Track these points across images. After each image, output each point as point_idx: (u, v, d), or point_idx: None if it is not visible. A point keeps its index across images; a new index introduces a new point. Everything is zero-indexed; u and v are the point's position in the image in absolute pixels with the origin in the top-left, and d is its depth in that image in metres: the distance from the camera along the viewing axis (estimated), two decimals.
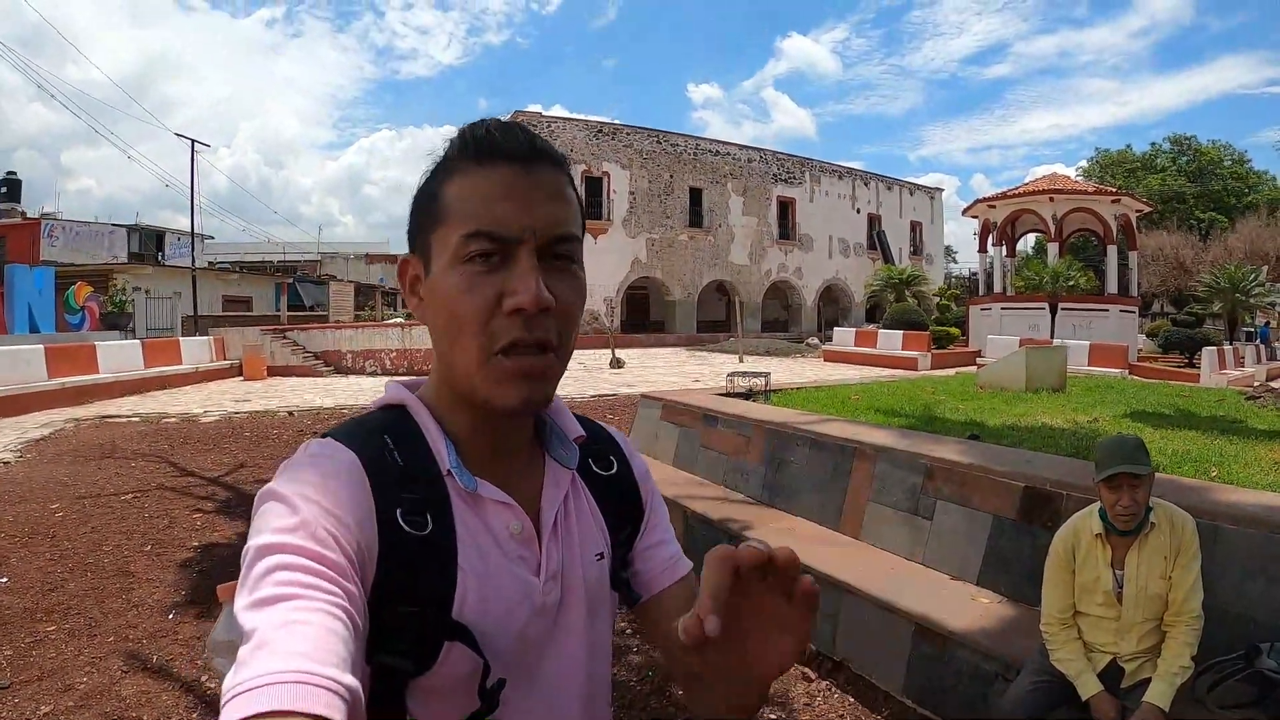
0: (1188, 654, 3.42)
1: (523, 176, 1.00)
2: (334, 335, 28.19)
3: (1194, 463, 6.26)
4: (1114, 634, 3.61)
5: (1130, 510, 3.47)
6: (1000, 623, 4.65)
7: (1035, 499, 5.03)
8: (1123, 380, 18.33)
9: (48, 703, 4.52)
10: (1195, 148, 71.90)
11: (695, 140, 47.30)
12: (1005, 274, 38.83)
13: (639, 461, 1.32)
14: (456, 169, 1.02)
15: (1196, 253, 51.12)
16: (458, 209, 1.00)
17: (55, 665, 4.98)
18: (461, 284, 0.98)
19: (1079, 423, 8.85)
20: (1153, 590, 3.51)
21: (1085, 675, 3.56)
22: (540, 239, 0.98)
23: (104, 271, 35.33)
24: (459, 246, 0.98)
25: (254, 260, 56.53)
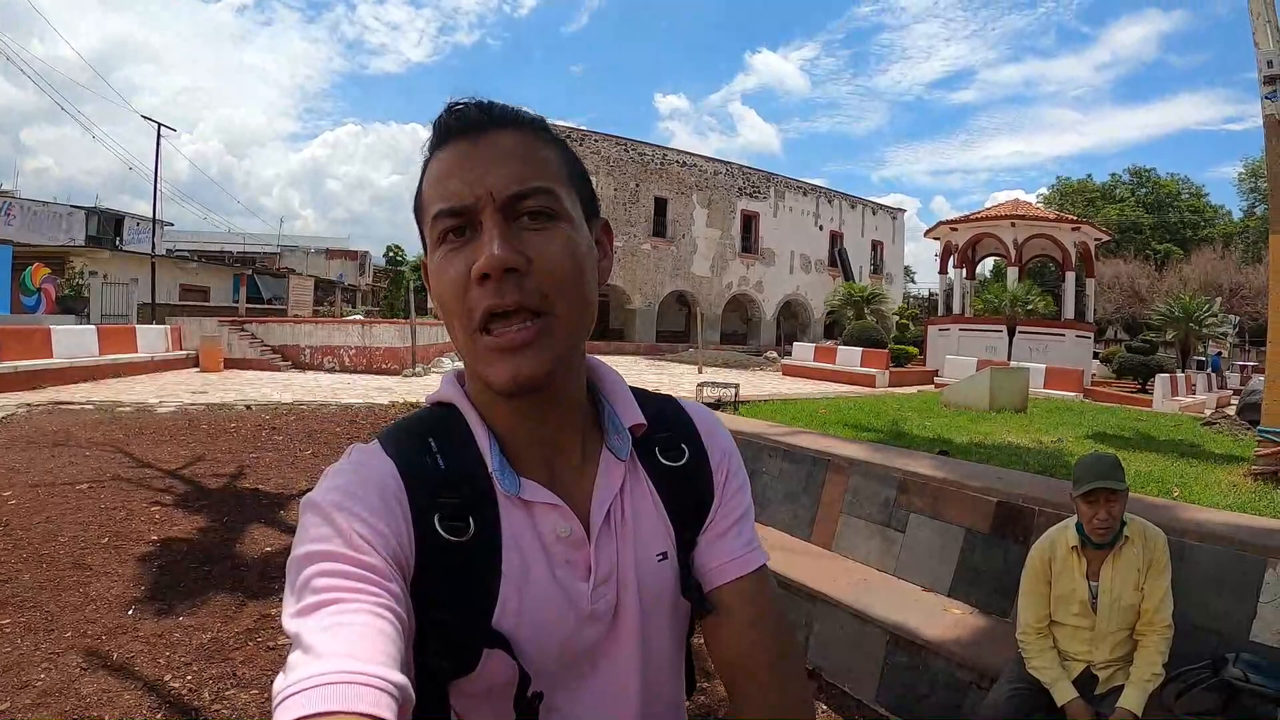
0: (1159, 662, 3.58)
1: (474, 146, 0.99)
2: (293, 330, 27.73)
3: (1156, 483, 6.46)
4: (1088, 643, 3.76)
5: (1106, 524, 3.64)
6: (974, 633, 4.76)
7: (1008, 514, 5.16)
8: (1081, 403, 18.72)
9: (4, 700, 4.35)
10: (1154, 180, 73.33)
11: (663, 150, 47.29)
12: (965, 296, 39.25)
13: (720, 443, 1.22)
14: (429, 160, 1.03)
15: (1152, 282, 52.04)
16: (429, 196, 1.00)
17: (11, 661, 4.78)
18: (439, 265, 0.99)
19: (1044, 442, 9.05)
20: (1126, 601, 3.67)
21: (1060, 682, 3.69)
22: (499, 199, 0.96)
23: (61, 253, 34.56)
24: (431, 229, 0.99)
25: (213, 250, 55.52)
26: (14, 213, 40.38)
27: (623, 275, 44.31)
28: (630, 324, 45.41)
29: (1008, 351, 32.50)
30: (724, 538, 1.16)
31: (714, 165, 49.19)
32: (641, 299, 45.07)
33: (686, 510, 1.14)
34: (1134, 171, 75.26)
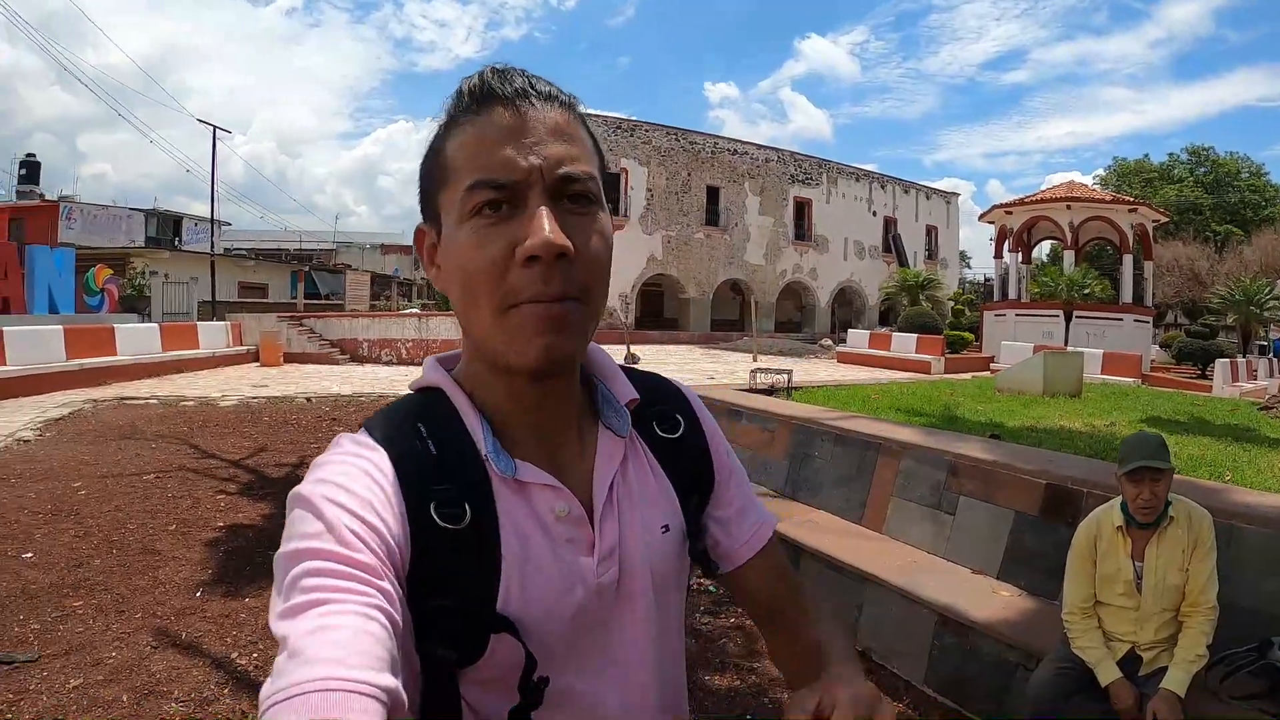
0: (1203, 643, 3.59)
1: (522, 117, 0.94)
2: (350, 324, 28.26)
3: (1209, 466, 6.38)
4: (1133, 623, 3.78)
5: (1150, 504, 3.66)
6: (1022, 615, 4.78)
7: (1057, 496, 5.17)
8: (1137, 388, 18.37)
9: (77, 676, 4.56)
10: (1213, 159, 71.26)
11: (714, 139, 47.12)
12: (1020, 280, 38.74)
13: (709, 420, 1.24)
14: (457, 123, 0.97)
15: (1212, 265, 50.73)
16: (460, 163, 0.95)
17: (84, 640, 5.03)
18: (471, 240, 0.93)
19: (1096, 426, 8.94)
20: (1170, 581, 3.68)
21: (1105, 663, 3.72)
22: (549, 179, 0.92)
23: (122, 255, 35.40)
24: (464, 200, 0.93)
25: (270, 248, 56.46)
26: (75, 217, 41.30)
27: (676, 265, 44.24)
28: (684, 313, 45.33)
29: (1065, 337, 31.91)
30: (736, 520, 1.21)
31: (765, 153, 48.89)
32: (695, 288, 44.96)
33: (686, 479, 1.15)
34: (1192, 150, 73.15)
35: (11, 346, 16.45)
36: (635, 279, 42.72)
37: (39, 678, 4.54)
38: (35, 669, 4.64)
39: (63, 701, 4.31)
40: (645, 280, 43.82)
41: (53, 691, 4.40)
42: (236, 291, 39.71)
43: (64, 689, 4.43)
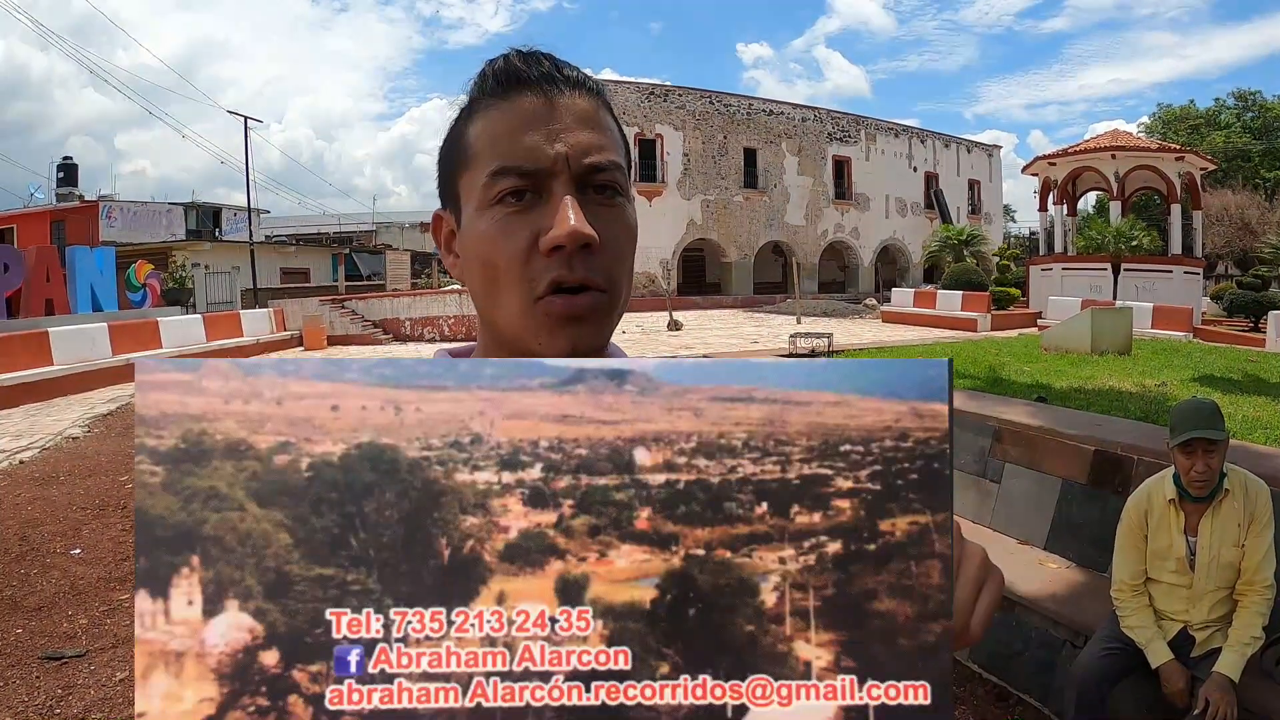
0: (1259, 624, 3.47)
1: (549, 103, 0.91)
2: (392, 304, 28.66)
3: (1265, 429, 6.25)
4: (1185, 602, 3.66)
5: (1205, 477, 3.52)
6: (1069, 589, 4.72)
7: (1105, 463, 5.08)
8: (1188, 344, 18.07)
9: (123, 669, 4.70)
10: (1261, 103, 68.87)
11: (748, 100, 46.76)
12: (1066, 234, 38.07)
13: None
14: (479, 106, 0.94)
15: (1263, 213, 49.29)
16: (482, 148, 0.92)
17: (129, 633, 5.05)
18: (493, 228, 0.90)
19: (1147, 387, 8.80)
20: (1225, 558, 3.56)
21: (1155, 643, 3.61)
22: (575, 167, 0.89)
23: (163, 250, 36.18)
24: (487, 187, 0.90)
25: (310, 233, 57.04)
26: (115, 215, 42.06)
27: (717, 229, 44.13)
28: (727, 277, 45.24)
29: (1113, 291, 31.39)
30: None
31: (801, 112, 48.49)
32: (737, 252, 44.84)
33: None
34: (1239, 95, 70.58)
35: (58, 347, 16.76)
36: (675, 245, 42.67)
37: (87, 672, 4.68)
38: (82, 664, 4.79)
39: (109, 695, 4.44)
40: (686, 246, 43.75)
41: (99, 685, 4.54)
42: (279, 278, 40.33)
43: (110, 682, 4.57)
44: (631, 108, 41.52)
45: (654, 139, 42.20)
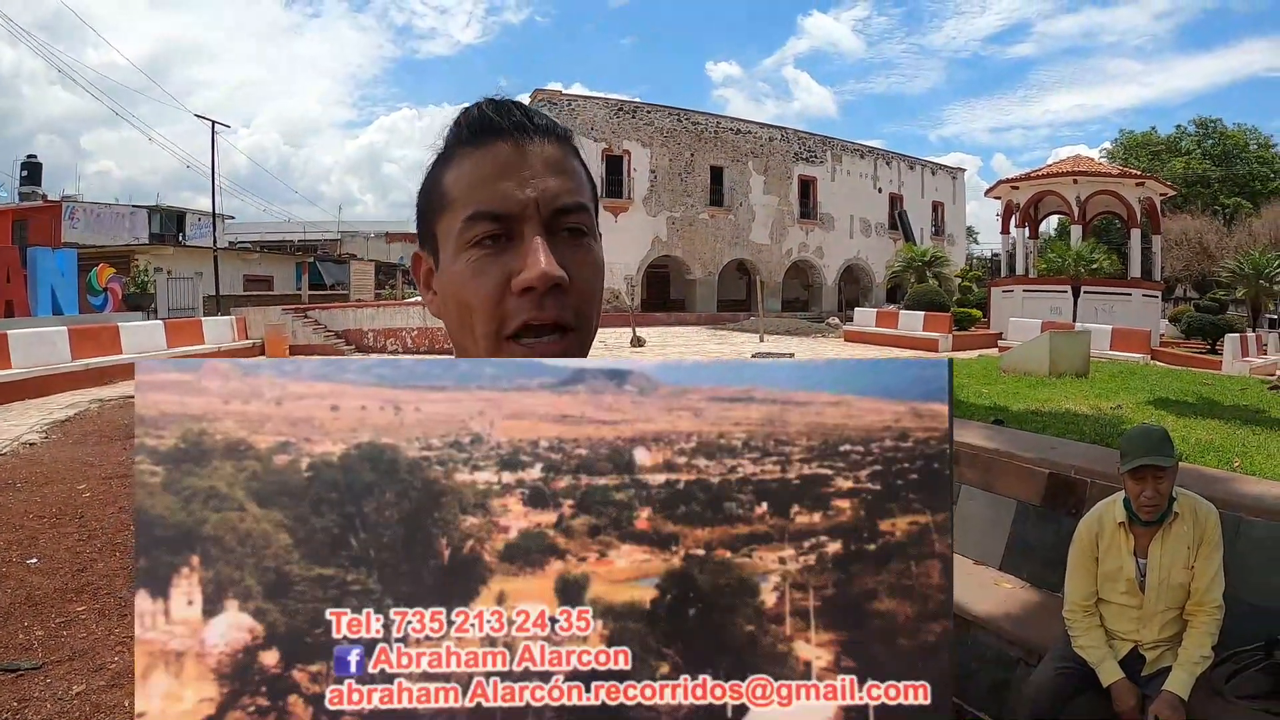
0: (1208, 643, 3.52)
1: (520, 151, 0.95)
2: (355, 314, 28.47)
3: (1217, 452, 6.34)
4: (1136, 622, 3.72)
5: (1154, 501, 3.58)
6: (1023, 608, 4.75)
7: (1059, 486, 5.13)
8: (1145, 366, 18.33)
9: (80, 682, 4.59)
10: (1220, 131, 70.24)
11: (716, 118, 46.92)
12: (1028, 256, 38.50)
13: None
14: (454, 154, 0.99)
15: (1221, 238, 50.05)
16: (457, 193, 0.96)
17: (86, 645, 5.05)
18: (468, 270, 0.94)
19: (1103, 409, 8.92)
20: (1175, 580, 3.61)
21: (1107, 663, 3.65)
22: (545, 211, 0.93)
23: (125, 253, 35.42)
24: (462, 231, 0.94)
25: (274, 240, 56.46)
26: (78, 216, 41.33)
27: (681, 246, 44.16)
28: (691, 294, 45.27)
29: (1073, 313, 31.66)
30: None
31: (769, 131, 48.67)
32: (701, 269, 44.88)
33: None
34: (1199, 122, 71.84)
35: (16, 349, 16.47)
36: (640, 261, 42.67)
37: (42, 685, 4.56)
38: (39, 676, 4.66)
39: (66, 708, 4.34)
40: (650, 262, 43.75)
41: (56, 699, 4.43)
42: (241, 285, 39.75)
43: (67, 695, 4.45)
44: (600, 123, 41.57)
45: (621, 155, 42.20)
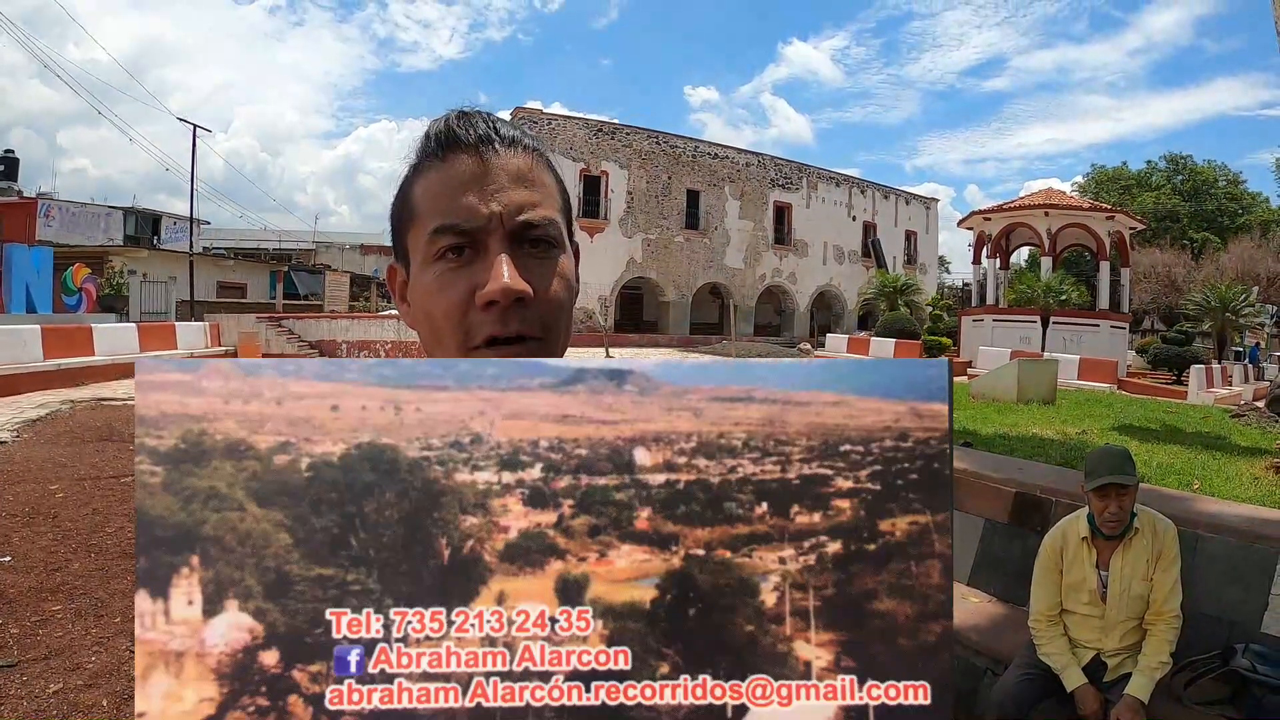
0: (1167, 651, 3.64)
1: (483, 164, 0.95)
2: (329, 325, 28.24)
3: (1178, 475, 6.45)
4: (1098, 631, 3.83)
5: (1118, 517, 3.71)
6: (991, 620, 4.82)
7: (1026, 504, 5.22)
8: (1111, 395, 18.52)
9: (57, 681, 4.51)
10: (1190, 167, 71.33)
11: (694, 142, 47.10)
12: (998, 286, 38.80)
13: None
14: (422, 167, 0.98)
15: (1188, 271, 50.60)
16: (424, 206, 0.96)
17: (63, 644, 4.96)
18: (434, 282, 0.94)
19: (1068, 435, 9.02)
20: (1135, 591, 3.73)
21: (1070, 669, 3.76)
22: (509, 224, 0.93)
23: (99, 253, 34.74)
24: (429, 244, 0.94)
25: (249, 247, 55.72)
26: (53, 214, 40.64)
27: (656, 268, 44.21)
28: (664, 317, 45.29)
29: (1042, 342, 31.99)
30: None
31: (745, 157, 48.93)
32: (675, 291, 44.93)
33: None
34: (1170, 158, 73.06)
35: None
36: (615, 282, 42.69)
37: (18, 683, 4.48)
38: (14, 674, 4.58)
39: (43, 706, 4.26)
40: (625, 283, 43.75)
41: (32, 697, 4.35)
42: (215, 291, 39.13)
43: (44, 694, 4.38)
44: (579, 143, 41.61)
45: (599, 175, 42.24)
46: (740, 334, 38.83)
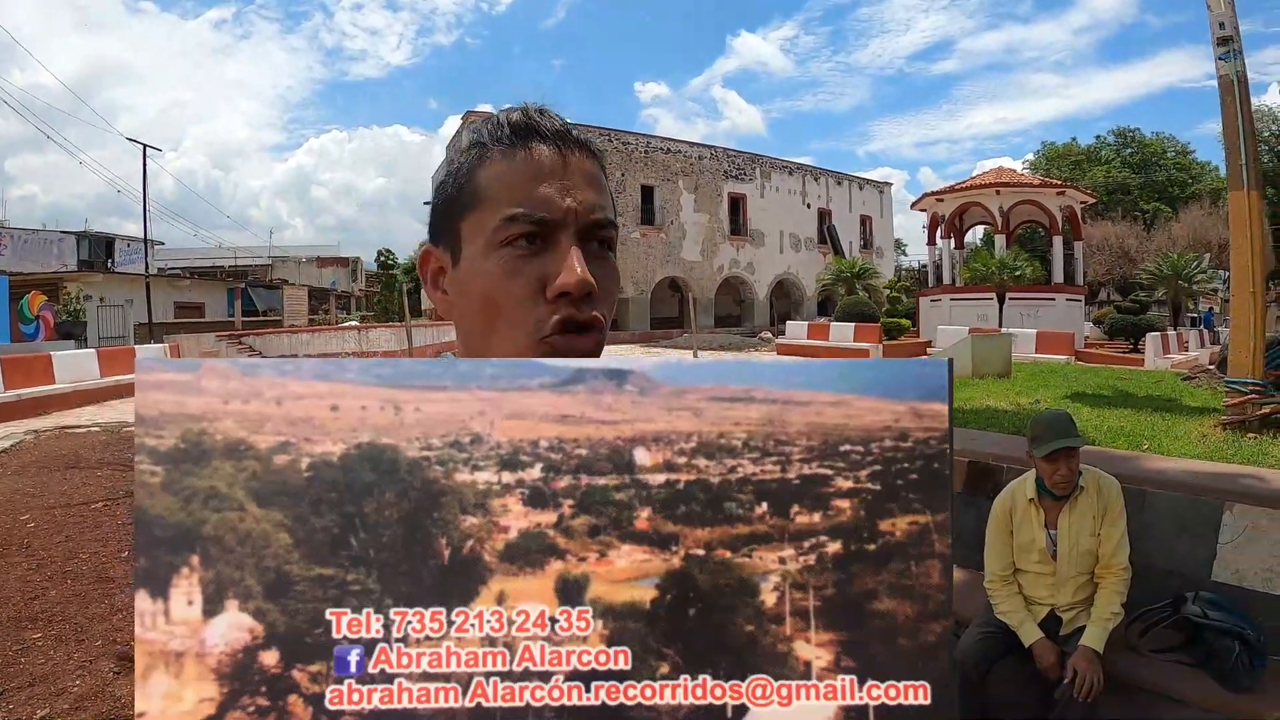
0: (1118, 601, 3.74)
1: (562, 159, 0.95)
2: (290, 340, 27.13)
3: (1127, 437, 6.57)
4: (1050, 588, 3.94)
5: (1067, 479, 3.81)
6: None
7: (979, 473, 5.35)
8: (1067, 365, 18.66)
9: (43, 706, 4.46)
10: (1139, 140, 71.34)
11: (646, 138, 46.55)
12: (954, 266, 38.95)
13: None
14: (492, 152, 0.97)
15: (1141, 242, 50.60)
16: (495, 191, 0.94)
17: (46, 671, 4.90)
18: (501, 268, 0.92)
19: (1022, 404, 9.17)
20: (1083, 547, 3.84)
21: (1026, 625, 3.86)
22: (582, 222, 0.93)
23: (54, 280, 34.01)
24: (498, 230, 0.92)
25: (205, 266, 54.24)
26: (4, 242, 39.69)
27: None
28: (623, 313, 44.76)
29: (999, 319, 32.09)
30: None
31: (698, 150, 48.57)
32: (633, 287, 44.57)
33: None
34: (1119, 132, 73.16)
35: None
36: None
37: (4, 711, 4.42)
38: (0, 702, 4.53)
39: None
40: None
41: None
42: (173, 312, 37.75)
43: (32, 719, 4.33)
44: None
45: None
46: (701, 326, 38.69)
